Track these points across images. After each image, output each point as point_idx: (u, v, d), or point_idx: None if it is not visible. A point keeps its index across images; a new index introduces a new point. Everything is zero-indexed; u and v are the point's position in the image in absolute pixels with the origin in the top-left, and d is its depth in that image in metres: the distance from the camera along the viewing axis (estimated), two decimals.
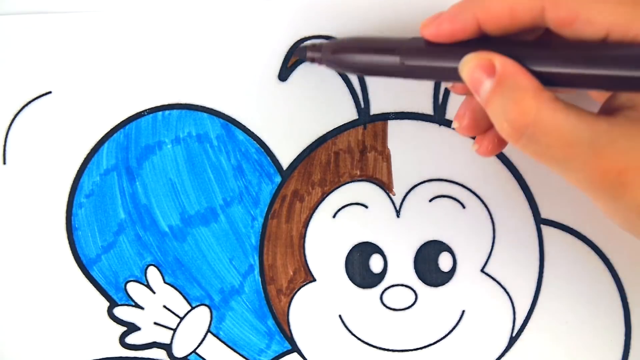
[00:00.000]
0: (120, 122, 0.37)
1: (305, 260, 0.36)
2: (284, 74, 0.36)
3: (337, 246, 0.36)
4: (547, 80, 0.25)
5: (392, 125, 0.36)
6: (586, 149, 0.25)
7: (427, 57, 0.29)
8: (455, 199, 0.36)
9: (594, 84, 0.26)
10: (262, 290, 0.36)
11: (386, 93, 0.36)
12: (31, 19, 0.37)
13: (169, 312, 0.37)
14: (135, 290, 0.37)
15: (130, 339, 0.36)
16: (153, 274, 0.36)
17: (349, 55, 0.31)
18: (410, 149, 0.36)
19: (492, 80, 0.26)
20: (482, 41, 0.27)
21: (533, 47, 0.27)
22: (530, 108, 0.25)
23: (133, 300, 0.37)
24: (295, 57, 0.36)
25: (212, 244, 0.36)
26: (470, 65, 0.26)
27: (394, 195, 0.36)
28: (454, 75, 0.27)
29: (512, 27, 0.27)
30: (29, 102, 0.37)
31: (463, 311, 0.36)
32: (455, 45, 0.28)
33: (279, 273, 0.36)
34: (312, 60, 0.33)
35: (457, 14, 0.28)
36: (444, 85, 0.34)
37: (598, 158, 0.25)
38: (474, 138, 0.33)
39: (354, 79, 0.36)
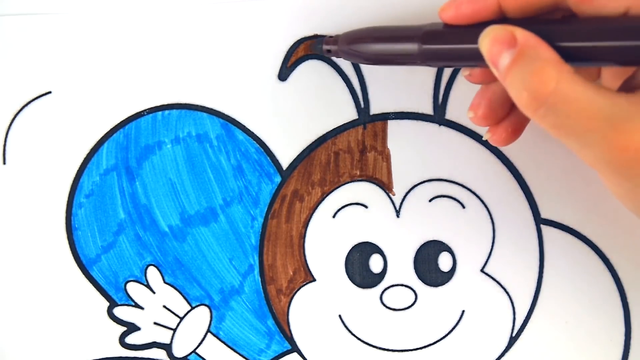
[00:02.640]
0: (120, 122, 0.37)
1: (305, 260, 0.36)
2: (284, 73, 0.36)
3: (337, 246, 0.36)
4: (568, 56, 0.25)
5: (392, 125, 0.36)
6: (605, 122, 0.24)
7: (446, 40, 0.29)
8: (455, 199, 0.36)
9: (615, 56, 0.25)
10: (262, 290, 0.36)
11: (386, 93, 0.36)
12: (31, 19, 0.37)
13: (169, 312, 0.37)
14: (135, 290, 0.37)
15: (130, 339, 0.36)
16: (153, 274, 0.36)
17: (366, 45, 0.31)
18: (410, 149, 0.36)
19: (512, 52, 0.25)
20: (502, 22, 0.27)
21: (554, 23, 0.27)
22: (551, 77, 0.25)
23: (133, 300, 0.37)
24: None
25: (212, 244, 0.36)
26: (490, 36, 0.26)
27: (393, 195, 0.36)
28: (473, 57, 0.27)
29: (532, 6, 0.27)
30: (29, 102, 0.37)
31: (463, 311, 0.36)
32: (474, 26, 0.27)
33: (279, 273, 0.36)
34: (329, 52, 0.33)
35: None
36: (461, 73, 0.33)
37: (617, 132, 0.24)
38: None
39: (354, 79, 0.36)
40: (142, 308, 0.37)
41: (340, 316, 0.36)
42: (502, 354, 0.36)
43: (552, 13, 0.28)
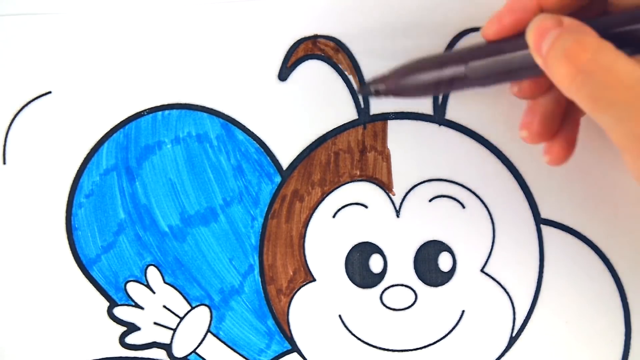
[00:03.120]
0: (120, 122, 0.37)
1: (305, 260, 0.36)
2: (284, 73, 0.36)
3: (337, 246, 0.36)
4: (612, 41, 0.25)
5: (392, 125, 0.36)
6: None
7: (492, 52, 0.29)
8: (455, 199, 0.36)
9: None
10: (262, 290, 0.36)
11: None
12: (31, 19, 0.37)
13: (169, 312, 0.37)
14: (135, 290, 0.37)
15: (130, 339, 0.36)
16: (153, 274, 0.36)
17: (414, 77, 0.31)
18: (410, 149, 0.36)
19: (556, 32, 0.26)
20: None
21: (596, 16, 0.27)
22: (591, 44, 0.25)
23: (133, 300, 0.37)
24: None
25: (212, 244, 0.36)
26: (536, 25, 0.26)
27: (393, 195, 0.36)
28: (521, 66, 0.28)
29: (571, 4, 0.27)
30: (29, 102, 0.37)
31: (463, 311, 0.36)
32: (518, 35, 0.28)
33: (279, 273, 0.36)
34: (378, 93, 0.33)
35: (516, 3, 0.28)
36: (510, 90, 0.33)
37: None
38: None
39: (354, 78, 0.36)
40: (142, 308, 0.37)
41: (340, 316, 0.36)
42: (502, 354, 0.36)
43: (589, 11, 0.29)
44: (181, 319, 0.37)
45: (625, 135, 0.25)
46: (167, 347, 0.36)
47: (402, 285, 0.36)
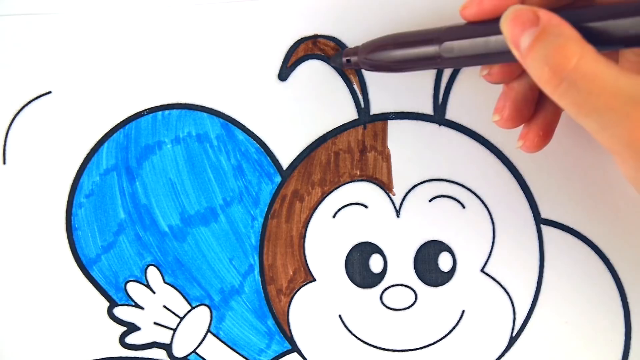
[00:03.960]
0: (120, 122, 0.37)
1: (305, 260, 0.36)
2: (284, 73, 0.36)
3: (337, 246, 0.36)
4: (590, 38, 0.25)
5: (392, 125, 0.36)
6: (628, 101, 0.24)
7: (466, 34, 0.28)
8: (455, 199, 0.36)
9: (636, 36, 0.25)
10: (262, 290, 0.36)
11: (386, 93, 0.36)
12: (31, 19, 0.37)
13: (169, 312, 0.37)
14: (135, 290, 0.37)
15: (130, 339, 0.36)
16: (153, 274, 0.36)
17: (386, 52, 0.31)
18: (410, 149, 0.36)
19: (535, 30, 0.25)
20: None
21: (574, 8, 0.27)
22: (574, 53, 0.24)
23: (133, 300, 0.37)
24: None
25: (212, 244, 0.36)
26: (512, 16, 0.26)
27: (393, 195, 0.36)
28: (495, 51, 0.27)
29: None
30: (29, 102, 0.37)
31: (463, 311, 0.36)
32: (495, 20, 0.27)
33: (279, 273, 0.36)
34: (348, 62, 0.33)
35: None
36: (480, 73, 0.33)
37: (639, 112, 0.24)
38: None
39: (354, 78, 0.36)
40: (142, 308, 0.37)
41: (340, 316, 0.36)
42: (502, 354, 0.36)
43: (572, 3, 0.28)
44: (181, 319, 0.37)
45: (612, 139, 0.25)
46: (167, 347, 0.36)
47: (402, 285, 0.36)
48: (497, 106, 0.32)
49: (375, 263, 0.36)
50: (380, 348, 0.36)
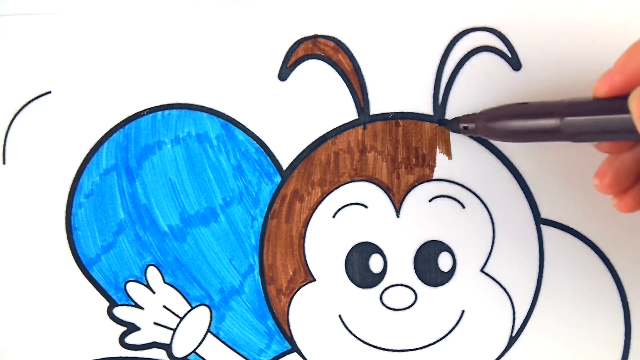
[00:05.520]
0: (120, 122, 0.37)
1: (305, 260, 0.36)
2: (284, 73, 0.36)
3: (337, 246, 0.36)
4: None
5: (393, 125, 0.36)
6: None
7: (589, 111, 0.27)
8: (455, 199, 0.36)
9: None
10: (262, 290, 0.36)
11: (386, 93, 0.36)
12: (31, 19, 0.37)
13: (169, 312, 0.37)
14: (135, 290, 0.37)
15: (130, 339, 0.36)
16: (153, 274, 0.36)
17: (505, 122, 0.30)
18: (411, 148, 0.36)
19: None
20: None
21: None
22: None
23: (133, 300, 0.37)
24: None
25: (212, 244, 0.36)
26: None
27: (393, 195, 0.36)
28: (618, 128, 0.26)
29: None
30: (29, 102, 0.37)
31: (463, 311, 0.36)
32: (621, 97, 0.26)
33: (279, 273, 0.36)
34: (466, 129, 0.33)
35: (626, 62, 0.27)
36: (597, 145, 0.32)
37: None
38: None
39: (354, 79, 0.36)
40: (142, 308, 0.37)
41: (340, 316, 0.36)
42: (502, 354, 0.36)
43: None
44: (181, 319, 0.37)
45: None
46: (167, 347, 0.36)
47: (402, 285, 0.36)
48: (599, 170, 0.31)
49: (375, 263, 0.36)
50: (380, 348, 0.36)
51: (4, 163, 0.37)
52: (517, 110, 0.30)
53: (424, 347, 0.36)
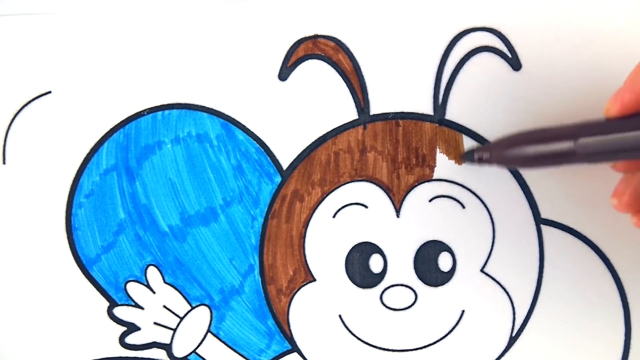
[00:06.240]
0: (120, 122, 0.37)
1: (305, 260, 0.36)
2: (284, 73, 0.36)
3: (337, 246, 0.36)
4: None
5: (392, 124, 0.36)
6: None
7: (603, 131, 0.28)
8: (455, 199, 0.36)
9: None
10: (262, 290, 0.36)
11: (386, 93, 0.36)
12: (31, 19, 0.37)
13: (169, 312, 0.37)
14: (135, 290, 0.37)
15: (130, 339, 0.36)
16: (153, 274, 0.36)
17: (520, 149, 0.30)
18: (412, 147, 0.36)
19: None
20: None
21: None
22: None
23: (133, 300, 0.37)
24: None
25: (212, 244, 0.36)
26: None
27: (393, 195, 0.36)
28: (633, 147, 0.26)
29: None
30: (29, 102, 0.37)
31: (463, 311, 0.36)
32: (633, 117, 0.27)
33: (279, 273, 0.36)
34: (481, 160, 0.33)
35: (635, 80, 0.27)
36: (613, 166, 0.32)
37: None
38: None
39: (354, 79, 0.36)
40: (142, 308, 0.37)
41: (340, 316, 0.36)
42: (502, 354, 0.36)
43: None
44: (181, 319, 0.37)
45: None
46: (167, 347, 0.36)
47: (402, 285, 0.36)
48: (616, 190, 0.31)
49: (375, 263, 0.36)
50: (380, 348, 0.36)
51: (4, 163, 0.37)
52: (529, 136, 0.31)
53: (424, 347, 0.36)
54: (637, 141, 0.26)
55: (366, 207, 0.36)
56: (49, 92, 0.37)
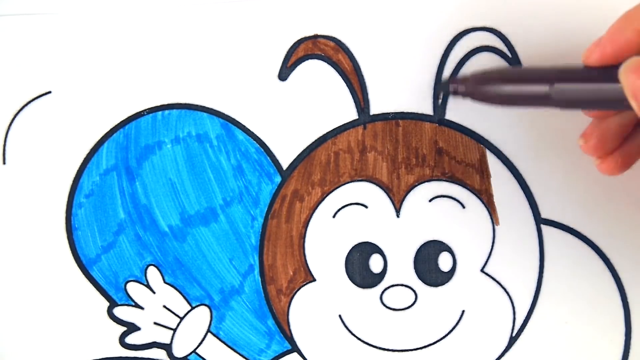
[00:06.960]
0: (120, 122, 0.37)
1: (305, 260, 0.36)
2: (284, 73, 0.36)
3: (337, 246, 0.36)
4: None
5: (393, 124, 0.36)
6: None
7: (579, 79, 0.27)
8: (455, 199, 0.36)
9: None
10: (262, 290, 0.36)
11: (386, 93, 0.36)
12: (31, 19, 0.37)
13: (169, 312, 0.37)
14: (135, 290, 0.37)
15: (130, 339, 0.36)
16: (153, 274, 0.36)
17: (495, 86, 0.30)
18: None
19: None
20: None
21: None
22: None
23: (133, 300, 0.37)
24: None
25: (212, 244, 0.36)
26: (633, 67, 0.25)
27: (393, 195, 0.36)
28: (609, 97, 0.26)
29: None
30: (29, 102, 0.37)
31: (463, 311, 0.36)
32: (611, 67, 0.26)
33: (279, 273, 0.36)
34: (456, 92, 0.32)
35: (618, 32, 0.27)
36: (587, 113, 0.32)
37: None
38: None
39: (354, 79, 0.36)
40: (142, 308, 0.37)
41: (340, 316, 0.36)
42: (502, 354, 0.36)
43: None
44: (181, 319, 0.37)
45: None
46: (167, 347, 0.36)
47: (402, 285, 0.36)
48: (585, 132, 0.31)
49: (375, 263, 0.36)
50: (380, 348, 0.36)
51: (4, 163, 0.37)
52: (508, 74, 0.30)
53: (424, 347, 0.36)
54: (611, 93, 0.26)
55: (366, 207, 0.36)
56: (49, 92, 0.37)
